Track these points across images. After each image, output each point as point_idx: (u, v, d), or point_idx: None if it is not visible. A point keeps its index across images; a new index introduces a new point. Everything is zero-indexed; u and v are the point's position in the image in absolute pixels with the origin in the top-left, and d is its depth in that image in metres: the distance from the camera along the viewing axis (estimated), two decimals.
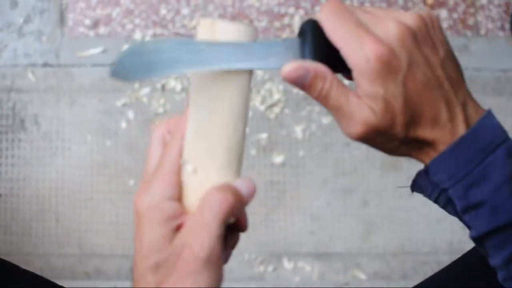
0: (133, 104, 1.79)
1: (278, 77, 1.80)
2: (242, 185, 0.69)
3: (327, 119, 1.78)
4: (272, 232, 1.75)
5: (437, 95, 0.68)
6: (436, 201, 0.73)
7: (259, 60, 0.69)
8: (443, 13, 1.88)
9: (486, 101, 1.74)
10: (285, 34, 1.85)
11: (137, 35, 1.84)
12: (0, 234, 1.73)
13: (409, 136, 0.69)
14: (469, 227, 0.72)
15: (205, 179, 0.68)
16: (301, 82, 0.69)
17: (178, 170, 0.69)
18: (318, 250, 1.74)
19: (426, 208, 1.73)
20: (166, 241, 0.66)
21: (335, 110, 0.69)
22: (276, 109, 1.79)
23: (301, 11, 1.86)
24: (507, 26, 1.88)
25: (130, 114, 1.78)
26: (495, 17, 1.89)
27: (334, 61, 0.69)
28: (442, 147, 0.69)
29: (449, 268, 1.05)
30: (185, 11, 1.86)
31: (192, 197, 0.68)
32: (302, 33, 0.71)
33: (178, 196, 0.69)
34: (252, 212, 1.71)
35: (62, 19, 1.85)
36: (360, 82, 0.67)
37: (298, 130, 1.78)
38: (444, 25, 1.87)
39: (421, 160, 0.73)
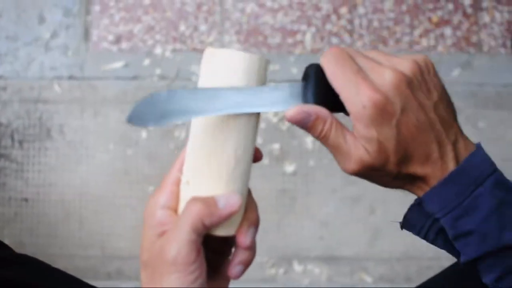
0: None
1: None
2: (221, 198, 0.71)
3: None
4: (284, 236, 1.79)
5: (429, 136, 0.72)
6: (425, 236, 0.78)
7: (266, 104, 0.73)
8: (447, 31, 1.93)
9: (488, 115, 1.78)
10: (297, 50, 1.90)
11: (158, 50, 1.89)
12: (27, 236, 1.79)
13: (402, 172, 0.74)
14: (459, 254, 0.76)
15: (196, 191, 0.72)
16: (304, 124, 0.73)
17: (176, 182, 0.74)
18: (327, 254, 1.78)
19: None
20: (152, 243, 0.71)
21: (333, 149, 0.74)
22: None
23: (313, 28, 1.93)
24: (509, 43, 1.93)
25: None
26: (497, 35, 1.93)
27: (335, 101, 0.73)
28: (433, 181, 0.74)
29: (449, 269, 1.11)
30: (203, 27, 1.92)
31: (183, 206, 0.72)
32: (305, 76, 0.75)
33: (175, 205, 0.74)
34: (265, 218, 1.76)
35: (86, 35, 1.91)
36: (356, 125, 0.71)
37: (309, 141, 1.83)
38: (448, 42, 1.91)
39: (414, 193, 0.77)
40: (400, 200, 1.78)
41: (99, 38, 1.92)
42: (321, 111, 0.73)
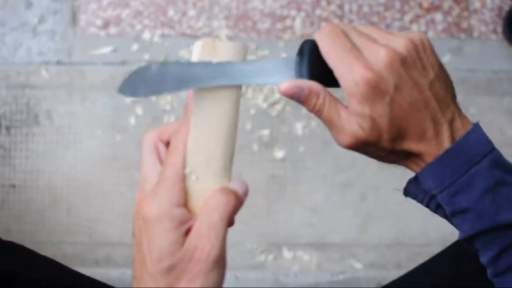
0: (141, 101, 1.83)
1: None
2: (238, 187, 0.73)
3: None
4: (273, 223, 1.79)
5: (424, 114, 0.73)
6: (427, 205, 0.78)
7: (260, 78, 0.75)
8: (438, 17, 1.93)
9: (478, 101, 1.79)
10: (286, 35, 1.90)
11: (146, 35, 1.89)
12: (14, 223, 1.78)
13: (396, 149, 0.75)
14: (458, 229, 0.77)
15: (206, 185, 0.73)
16: (297, 98, 0.75)
17: (183, 178, 0.72)
18: (317, 241, 1.78)
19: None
20: (178, 245, 0.68)
21: (327, 123, 0.75)
22: (278, 107, 1.83)
23: (303, 14, 1.92)
24: (499, 29, 1.93)
25: (139, 111, 1.83)
26: (488, 20, 1.93)
27: (330, 77, 0.74)
28: (428, 158, 0.74)
29: (439, 256, 1.11)
30: (191, 12, 1.91)
31: (196, 201, 0.72)
32: (300, 52, 0.77)
33: (184, 202, 0.72)
34: (254, 204, 1.77)
35: (74, 20, 1.90)
36: (350, 102, 0.72)
37: (299, 127, 1.83)
38: (439, 28, 1.91)
39: (410, 168, 0.78)
40: (391, 186, 1.78)
41: (87, 23, 1.90)
42: (314, 86, 0.75)
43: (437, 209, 0.77)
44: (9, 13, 1.91)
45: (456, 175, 0.73)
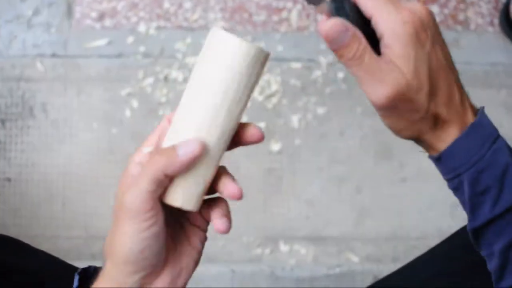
0: (137, 93, 1.83)
1: (276, 69, 1.85)
2: (180, 146, 0.70)
3: (322, 109, 1.82)
4: (270, 216, 1.78)
5: (451, 77, 0.72)
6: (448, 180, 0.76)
7: None
8: (434, 9, 1.92)
9: (475, 93, 1.77)
10: (283, 28, 1.89)
11: (141, 28, 1.88)
12: (9, 217, 1.77)
13: (430, 110, 0.71)
14: (470, 218, 0.75)
15: None
16: (340, 40, 0.69)
17: (156, 146, 0.75)
18: (313, 234, 1.78)
19: (417, 196, 1.77)
20: (121, 193, 0.72)
21: (366, 73, 0.70)
22: (274, 99, 1.83)
23: (299, 6, 1.91)
24: (496, 21, 1.92)
25: (134, 103, 1.82)
26: (485, 13, 1.93)
27: (364, 30, 0.70)
28: (454, 130, 0.72)
29: (435, 249, 1.11)
30: (187, 4, 1.90)
31: None
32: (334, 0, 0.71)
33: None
34: (251, 198, 1.76)
35: (69, 12, 1.89)
36: (392, 45, 0.69)
37: (295, 120, 1.82)
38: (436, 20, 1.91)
39: (432, 145, 0.75)
40: (387, 180, 1.78)
41: (82, 15, 1.89)
42: (357, 30, 0.70)
43: (455, 190, 0.76)
44: (4, 5, 1.90)
45: (482, 150, 0.72)
